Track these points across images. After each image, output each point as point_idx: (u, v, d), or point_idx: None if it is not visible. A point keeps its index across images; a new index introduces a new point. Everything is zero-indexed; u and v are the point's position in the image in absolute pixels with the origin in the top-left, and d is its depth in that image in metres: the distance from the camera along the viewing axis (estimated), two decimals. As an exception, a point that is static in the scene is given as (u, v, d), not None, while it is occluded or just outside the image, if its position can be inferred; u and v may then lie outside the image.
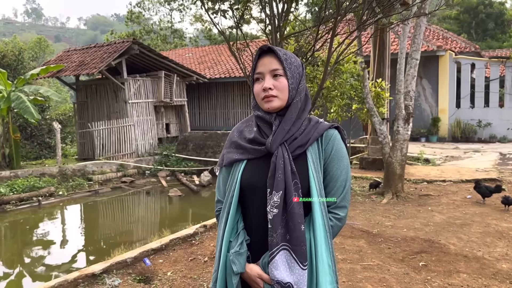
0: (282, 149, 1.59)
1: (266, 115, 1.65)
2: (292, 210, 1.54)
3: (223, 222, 1.68)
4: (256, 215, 1.64)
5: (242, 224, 1.67)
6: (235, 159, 1.69)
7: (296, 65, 1.68)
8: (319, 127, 1.66)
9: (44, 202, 10.38)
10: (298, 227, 1.54)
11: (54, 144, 17.96)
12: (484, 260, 4.47)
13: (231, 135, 1.78)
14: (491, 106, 15.75)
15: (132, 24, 34.62)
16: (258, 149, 1.64)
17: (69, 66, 15.01)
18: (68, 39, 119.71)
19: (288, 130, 1.61)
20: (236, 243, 1.62)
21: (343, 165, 1.66)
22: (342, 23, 4.16)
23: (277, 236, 1.53)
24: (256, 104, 1.71)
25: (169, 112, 17.28)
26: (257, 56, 1.68)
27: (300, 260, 1.53)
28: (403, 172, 7.67)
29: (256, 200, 1.63)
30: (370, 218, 6.25)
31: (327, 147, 1.65)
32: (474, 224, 5.76)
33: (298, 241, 1.53)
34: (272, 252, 1.53)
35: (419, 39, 7.35)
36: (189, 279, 4.28)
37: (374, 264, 4.48)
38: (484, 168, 9.68)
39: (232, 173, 1.70)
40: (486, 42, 30.70)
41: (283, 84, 1.62)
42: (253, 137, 1.67)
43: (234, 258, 1.59)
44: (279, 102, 1.62)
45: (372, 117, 7.79)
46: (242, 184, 1.65)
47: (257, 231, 1.64)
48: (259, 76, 1.65)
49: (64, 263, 6.78)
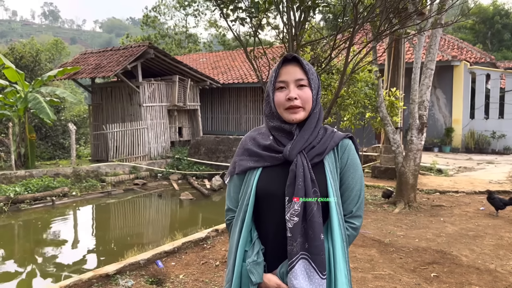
0: (301, 157, 1.58)
1: (285, 125, 1.64)
2: (312, 219, 1.53)
3: (236, 230, 1.65)
4: (272, 223, 1.62)
5: (256, 233, 1.65)
6: (249, 166, 1.66)
7: (316, 76, 1.68)
8: (335, 137, 1.66)
9: (57, 202, 10.52)
10: (318, 236, 1.53)
11: (68, 145, 18.23)
12: (496, 273, 4.44)
13: (244, 142, 1.75)
14: (505, 117, 15.59)
15: (148, 28, 35.01)
16: (275, 157, 1.62)
17: (86, 68, 15.25)
18: (84, 41, 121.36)
19: (307, 138, 1.62)
20: (253, 253, 1.60)
21: (358, 175, 1.67)
22: (359, 33, 4.19)
23: (296, 245, 1.52)
24: (271, 113, 1.67)
25: (182, 116, 17.42)
26: (281, 64, 1.65)
27: (319, 270, 1.52)
28: (415, 182, 7.63)
29: (272, 208, 1.61)
30: (382, 227, 6.23)
31: (343, 156, 1.65)
32: (487, 236, 5.72)
33: (318, 250, 1.53)
34: (292, 261, 1.52)
35: (435, 49, 7.34)
36: (200, 282, 4.32)
37: (386, 273, 4.47)
38: (497, 180, 9.59)
39: (246, 181, 1.67)
40: (502, 52, 30.41)
41: (308, 95, 1.62)
42: (269, 144, 1.65)
43: (251, 268, 1.57)
44: (303, 113, 1.62)
45: (386, 126, 7.78)
46: (258, 192, 1.62)
47: (272, 240, 1.62)
48: (283, 84, 1.62)
49: (76, 263, 6.87)
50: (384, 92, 8.13)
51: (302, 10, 3.93)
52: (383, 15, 3.68)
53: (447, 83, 15.92)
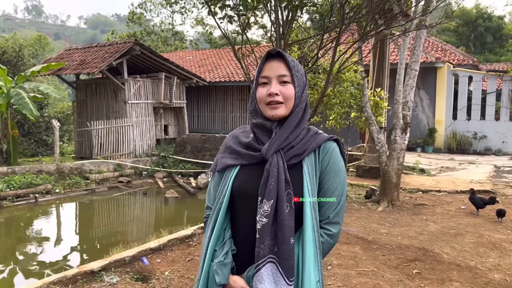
0: (278, 156, 1.53)
1: (266, 122, 1.58)
2: (283, 221, 1.47)
3: (209, 229, 1.60)
4: (245, 224, 1.56)
5: (229, 232, 1.59)
6: (228, 164, 1.62)
7: (301, 74, 1.63)
8: (318, 138, 1.59)
9: (40, 199, 10.40)
10: (287, 240, 1.46)
11: (51, 141, 18.00)
12: (476, 270, 4.55)
13: (226, 140, 1.71)
14: (487, 119, 15.91)
15: (133, 25, 34.73)
16: (253, 155, 1.57)
17: (70, 64, 15.07)
18: (68, 37, 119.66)
19: (286, 138, 1.55)
20: (221, 253, 1.54)
21: (339, 179, 1.58)
22: (345, 33, 4.26)
23: (264, 247, 1.46)
24: (255, 110, 1.62)
25: (168, 114, 17.35)
26: (264, 59, 1.60)
27: (286, 275, 1.46)
28: (399, 181, 7.76)
29: (246, 208, 1.55)
30: (365, 225, 6.33)
31: (324, 159, 1.57)
32: (467, 234, 5.85)
33: (286, 255, 1.46)
34: (258, 264, 1.46)
35: (419, 51, 7.46)
36: (186, 279, 4.33)
37: (369, 270, 4.55)
38: (478, 180, 9.79)
39: (224, 179, 1.62)
40: (484, 55, 30.98)
41: (290, 91, 1.55)
42: (249, 142, 1.60)
43: (217, 268, 1.51)
44: (284, 110, 1.55)
45: (370, 126, 7.89)
46: (233, 190, 1.57)
47: (244, 241, 1.56)
48: (265, 80, 1.57)
49: (59, 261, 6.80)
50: (369, 92, 8.24)
51: (289, 9, 3.97)
52: (369, 15, 3.74)
53: (431, 84, 16.18)
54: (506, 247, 5.31)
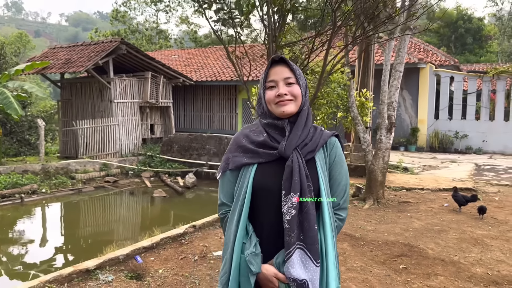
0: (296, 154, 1.70)
1: (278, 121, 1.74)
2: (308, 211, 1.65)
3: (233, 224, 1.73)
4: (266, 216, 1.72)
5: (251, 226, 1.74)
6: (244, 162, 1.75)
7: (303, 76, 1.80)
8: (324, 135, 1.80)
9: (26, 199, 10.33)
10: (313, 227, 1.65)
11: (34, 141, 17.77)
12: (460, 264, 4.74)
13: (237, 139, 1.83)
14: (468, 118, 16.31)
15: (117, 23, 34.42)
16: (271, 153, 1.72)
17: (55, 63, 14.94)
18: (49, 34, 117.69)
19: (300, 135, 1.73)
20: (251, 245, 1.69)
21: (344, 170, 1.82)
22: (336, 36, 4.40)
23: (293, 236, 1.63)
24: (264, 112, 1.78)
25: (154, 113, 17.32)
26: (269, 65, 1.77)
27: (314, 258, 1.64)
28: (384, 179, 7.95)
29: (267, 202, 1.71)
30: (353, 222, 6.49)
31: (331, 153, 1.79)
32: (450, 231, 6.06)
33: (313, 240, 1.65)
34: (289, 252, 1.63)
35: (403, 52, 7.66)
36: (180, 276, 4.42)
37: (357, 265, 4.70)
38: (460, 178, 10.07)
39: (241, 177, 1.75)
40: (465, 56, 31.64)
41: (297, 91, 1.74)
42: (264, 140, 1.75)
43: (251, 258, 1.66)
44: (294, 106, 1.73)
45: (357, 126, 8.06)
46: (254, 187, 1.71)
47: (267, 232, 1.72)
48: (272, 83, 1.74)
49: (44, 262, 6.73)
50: (355, 93, 8.42)
51: (281, 13, 4.09)
52: (359, 21, 3.89)
53: (413, 84, 16.50)
54: (487, 243, 5.53)
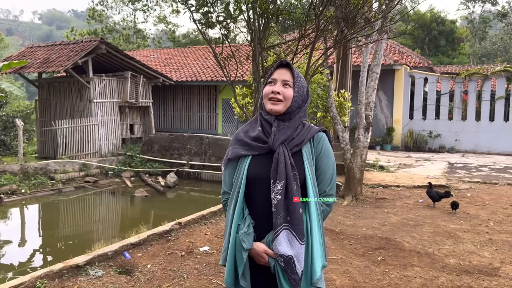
0: (283, 147, 1.94)
1: (268, 117, 2.00)
2: (292, 196, 1.90)
3: (231, 208, 1.99)
4: (260, 201, 1.97)
5: (247, 210, 1.99)
6: (241, 154, 2.01)
7: (302, 86, 2.05)
8: (311, 130, 2.04)
9: (6, 200, 10.23)
10: (297, 210, 1.89)
11: (9, 141, 17.49)
12: (434, 256, 5.03)
13: (237, 134, 2.09)
14: (441, 118, 16.86)
15: (94, 22, 34.01)
16: (262, 147, 1.98)
17: (33, 62, 14.75)
18: (21, 33, 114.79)
19: (289, 134, 1.99)
20: (244, 225, 1.94)
21: (331, 161, 2.05)
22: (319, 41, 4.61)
23: (280, 218, 1.87)
24: (261, 105, 2.05)
25: (134, 113, 17.28)
26: (276, 67, 2.03)
27: (299, 237, 1.88)
28: (362, 177, 8.24)
29: (260, 189, 1.96)
30: (332, 218, 6.74)
31: (317, 146, 2.02)
32: (425, 225, 6.37)
33: (297, 221, 1.89)
34: (276, 231, 1.88)
35: (380, 55, 7.97)
36: (169, 271, 4.56)
37: (338, 258, 4.94)
38: (434, 176, 10.47)
39: (238, 167, 2.02)
40: (438, 57, 32.51)
41: (289, 93, 1.98)
42: (257, 135, 2.00)
43: (243, 237, 1.92)
44: (281, 107, 1.97)
45: (336, 125, 8.33)
46: (248, 176, 1.97)
47: (260, 215, 1.97)
48: (272, 81, 2.00)
49: (22, 264, 6.65)
50: (334, 93, 8.68)
51: (265, 17, 4.28)
52: (340, 25, 4.11)
53: (389, 85, 16.96)
54: (459, 236, 5.85)
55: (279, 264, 1.87)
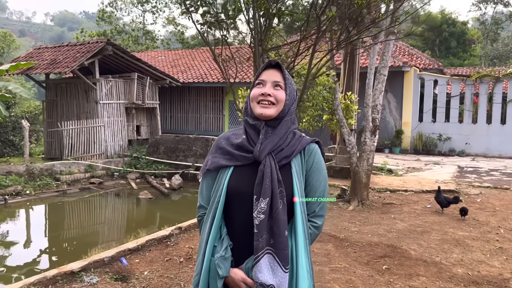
0: (270, 158, 1.69)
1: (256, 122, 1.74)
2: (278, 216, 1.64)
3: (207, 226, 1.72)
4: (240, 220, 1.71)
5: (225, 229, 1.73)
6: (222, 164, 1.75)
7: (293, 88, 1.83)
8: (302, 141, 1.78)
9: (10, 201, 10.20)
10: (282, 233, 1.63)
11: (18, 142, 17.56)
12: (441, 265, 4.84)
13: (218, 141, 1.83)
14: (451, 121, 16.57)
15: (103, 24, 34.18)
16: (246, 156, 1.72)
17: (40, 63, 14.78)
18: (34, 34, 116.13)
19: (277, 142, 1.72)
20: (221, 248, 1.68)
21: (322, 177, 1.80)
22: (322, 40, 4.47)
23: (262, 240, 1.62)
24: (246, 109, 1.80)
25: (140, 114, 17.24)
26: (264, 67, 1.80)
27: (283, 264, 1.63)
28: (368, 181, 8.06)
29: (241, 206, 1.70)
30: (337, 223, 6.57)
31: (309, 160, 1.77)
32: (433, 232, 6.17)
33: (282, 246, 1.63)
34: (257, 256, 1.62)
35: (388, 56, 7.79)
36: (166, 278, 4.44)
37: (341, 266, 4.78)
38: (443, 180, 10.24)
39: (218, 179, 1.76)
40: (449, 59, 32.10)
41: (282, 95, 1.74)
42: (241, 143, 1.75)
43: (219, 262, 1.66)
44: (273, 110, 1.72)
45: (342, 128, 8.16)
46: (229, 190, 1.70)
47: (240, 236, 1.71)
48: (261, 82, 1.76)
49: (28, 264, 6.65)
50: (340, 95, 8.51)
51: (267, 17, 4.15)
52: (343, 26, 3.96)
53: (398, 87, 16.72)
54: (468, 244, 5.65)
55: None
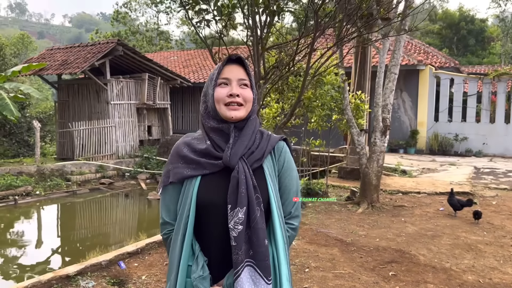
0: (242, 163, 1.54)
1: (223, 125, 1.59)
2: (256, 226, 1.51)
3: (177, 245, 1.56)
4: (214, 233, 1.57)
5: (198, 245, 1.58)
6: (187, 175, 1.57)
7: (255, 84, 1.68)
8: (271, 140, 1.65)
9: (20, 201, 10.26)
10: (262, 242, 1.51)
11: (33, 142, 17.74)
12: (451, 272, 4.62)
13: (178, 149, 1.64)
14: (468, 120, 16.16)
15: (118, 24, 34.45)
16: (215, 163, 1.56)
17: (52, 64, 14.90)
18: (52, 36, 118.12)
19: (246, 144, 1.58)
20: (198, 267, 1.53)
21: (294, 176, 1.68)
22: (322, 37, 4.31)
23: (241, 253, 1.49)
24: (207, 112, 1.62)
25: (151, 115, 17.25)
26: (225, 62, 1.62)
27: (265, 275, 1.51)
28: (378, 183, 7.83)
29: (213, 217, 1.55)
30: (345, 227, 6.38)
31: (279, 159, 1.65)
32: (444, 236, 5.94)
33: (262, 256, 1.51)
34: (237, 271, 1.49)
35: (399, 54, 7.55)
36: (163, 283, 4.32)
37: (346, 272, 4.59)
38: (458, 181, 9.93)
39: (184, 191, 1.59)
40: (467, 57, 31.44)
41: (250, 95, 1.60)
42: (207, 150, 1.58)
43: (198, 283, 1.51)
44: (244, 112, 1.58)
45: (351, 128, 7.95)
46: (198, 201, 1.54)
47: (215, 250, 1.57)
48: (225, 81, 1.59)
49: (38, 264, 6.73)
50: (350, 95, 8.30)
51: (267, 14, 4.00)
52: (343, 21, 3.79)
53: (413, 86, 16.37)
54: (481, 249, 5.41)
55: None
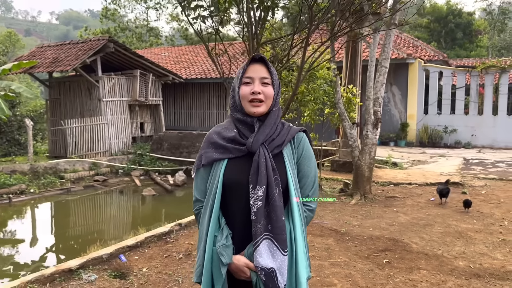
0: (263, 148, 1.78)
1: (247, 118, 1.83)
2: (274, 203, 1.72)
3: (206, 218, 1.80)
4: (237, 209, 1.79)
5: (223, 219, 1.80)
6: (215, 158, 1.83)
7: (278, 79, 1.89)
8: (291, 130, 1.89)
9: (14, 200, 10.25)
10: (279, 218, 1.72)
11: (24, 141, 17.64)
12: (443, 258, 4.78)
13: (209, 136, 1.91)
14: (457, 113, 16.41)
15: (107, 21, 34.17)
16: (239, 149, 1.80)
17: (43, 62, 14.81)
18: (39, 33, 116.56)
19: (267, 133, 1.81)
20: (222, 237, 1.75)
21: (312, 163, 1.91)
22: (316, 33, 4.40)
23: (260, 226, 1.70)
24: (235, 106, 1.87)
25: (143, 111, 17.25)
26: (249, 62, 1.86)
27: (281, 247, 1.71)
28: (371, 175, 7.99)
29: (237, 195, 1.78)
30: (339, 217, 6.52)
31: (298, 148, 1.88)
32: (435, 225, 6.10)
33: (280, 230, 1.72)
34: (256, 242, 1.70)
35: (389, 48, 7.69)
36: (164, 274, 4.42)
37: (341, 261, 4.73)
38: (448, 172, 10.14)
39: (213, 172, 1.83)
40: (455, 50, 31.77)
41: (270, 92, 1.83)
42: (233, 136, 1.83)
43: (221, 250, 1.72)
44: (264, 107, 1.82)
45: (343, 122, 8.09)
46: (225, 181, 1.78)
47: (239, 225, 1.79)
48: (249, 80, 1.83)
49: (34, 262, 6.74)
50: (342, 89, 8.43)
51: (261, 9, 4.09)
52: (337, 16, 3.89)
53: (403, 80, 16.57)
54: (471, 236, 5.58)
55: (260, 278, 1.70)
